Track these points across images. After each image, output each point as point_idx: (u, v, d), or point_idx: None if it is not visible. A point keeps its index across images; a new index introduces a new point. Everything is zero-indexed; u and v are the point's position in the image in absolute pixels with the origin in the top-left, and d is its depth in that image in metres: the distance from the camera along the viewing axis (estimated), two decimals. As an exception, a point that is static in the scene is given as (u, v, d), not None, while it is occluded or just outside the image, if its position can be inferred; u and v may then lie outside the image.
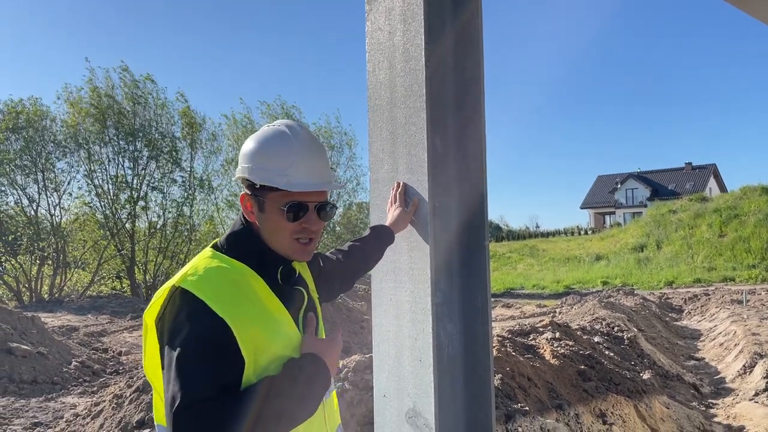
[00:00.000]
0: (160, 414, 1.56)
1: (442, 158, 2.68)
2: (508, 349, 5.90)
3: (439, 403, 2.56)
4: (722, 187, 55.97)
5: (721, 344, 10.97)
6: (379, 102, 2.81)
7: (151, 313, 1.54)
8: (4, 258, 22.97)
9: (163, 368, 1.45)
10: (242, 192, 1.62)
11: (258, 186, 1.57)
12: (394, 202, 2.51)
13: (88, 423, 6.03)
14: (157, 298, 1.54)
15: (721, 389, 8.29)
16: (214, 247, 1.64)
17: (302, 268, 1.80)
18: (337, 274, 2.15)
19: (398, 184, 2.54)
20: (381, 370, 2.77)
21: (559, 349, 6.66)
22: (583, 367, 6.33)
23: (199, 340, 1.41)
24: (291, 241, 1.60)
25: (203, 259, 1.57)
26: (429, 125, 2.60)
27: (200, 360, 1.40)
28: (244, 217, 1.64)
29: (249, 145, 1.61)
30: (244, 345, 1.44)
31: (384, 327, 2.76)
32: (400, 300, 2.67)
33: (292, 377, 1.48)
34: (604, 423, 5.43)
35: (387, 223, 2.44)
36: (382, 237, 2.40)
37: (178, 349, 1.41)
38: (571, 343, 7.23)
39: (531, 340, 7.21)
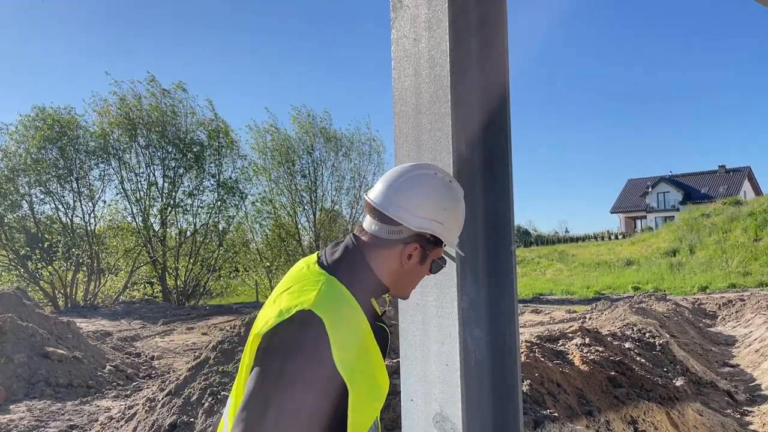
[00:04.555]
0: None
1: (467, 163, 2.70)
2: (537, 354, 5.86)
3: (467, 407, 2.57)
4: (757, 191, 54.69)
5: (757, 351, 10.72)
6: (405, 108, 2.84)
7: (261, 327, 1.41)
8: (40, 264, 23.55)
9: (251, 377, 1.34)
10: (411, 243, 1.52)
11: (431, 240, 1.54)
12: None
13: (122, 426, 6.16)
14: (274, 315, 1.40)
15: (756, 396, 8.10)
16: (325, 268, 1.53)
17: None
18: None
19: None
20: (408, 375, 2.79)
21: (588, 355, 6.59)
22: (613, 373, 6.26)
23: (307, 382, 1.30)
24: (415, 286, 1.64)
25: (330, 286, 1.46)
26: (454, 131, 2.62)
27: (298, 405, 1.29)
28: (360, 250, 1.54)
29: (437, 201, 1.55)
30: (353, 407, 1.35)
31: (411, 331, 2.78)
32: (427, 305, 2.69)
33: None
34: (636, 430, 5.36)
35: None
36: None
37: (274, 378, 1.30)
38: (601, 349, 7.14)
39: (560, 345, 7.15)
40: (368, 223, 1.57)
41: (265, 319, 1.41)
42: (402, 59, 2.86)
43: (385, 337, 1.60)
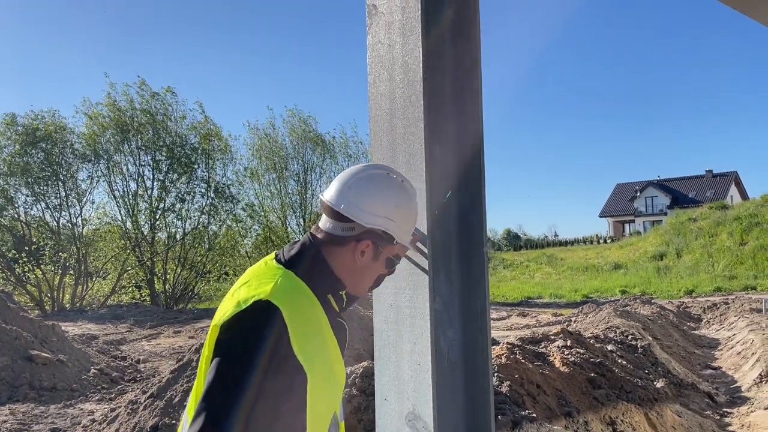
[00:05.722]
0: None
1: (440, 165, 2.76)
2: (518, 356, 5.92)
3: (438, 406, 2.62)
4: (743, 195, 55.23)
5: (739, 353, 10.85)
6: (380, 113, 2.89)
7: (219, 318, 1.44)
8: (27, 267, 23.37)
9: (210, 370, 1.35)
10: (364, 240, 1.57)
11: (384, 237, 1.59)
12: None
13: (104, 428, 6.15)
14: (232, 306, 1.43)
15: (736, 398, 8.21)
16: (283, 264, 1.57)
17: None
18: None
19: None
20: (382, 374, 2.84)
21: (569, 356, 6.66)
22: (593, 374, 6.33)
23: (267, 370, 1.32)
24: (372, 283, 1.69)
25: (287, 279, 1.49)
26: (427, 134, 2.67)
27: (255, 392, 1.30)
28: (317, 246, 1.60)
29: (389, 199, 1.60)
30: (312, 394, 1.39)
31: (385, 332, 2.82)
32: (400, 305, 2.74)
33: None
34: (614, 431, 5.42)
35: None
36: None
37: (234, 366, 1.32)
38: (582, 350, 7.22)
39: (542, 347, 7.21)
40: (323, 221, 1.63)
41: (224, 310, 1.44)
42: (377, 64, 2.91)
43: (344, 332, 1.64)
